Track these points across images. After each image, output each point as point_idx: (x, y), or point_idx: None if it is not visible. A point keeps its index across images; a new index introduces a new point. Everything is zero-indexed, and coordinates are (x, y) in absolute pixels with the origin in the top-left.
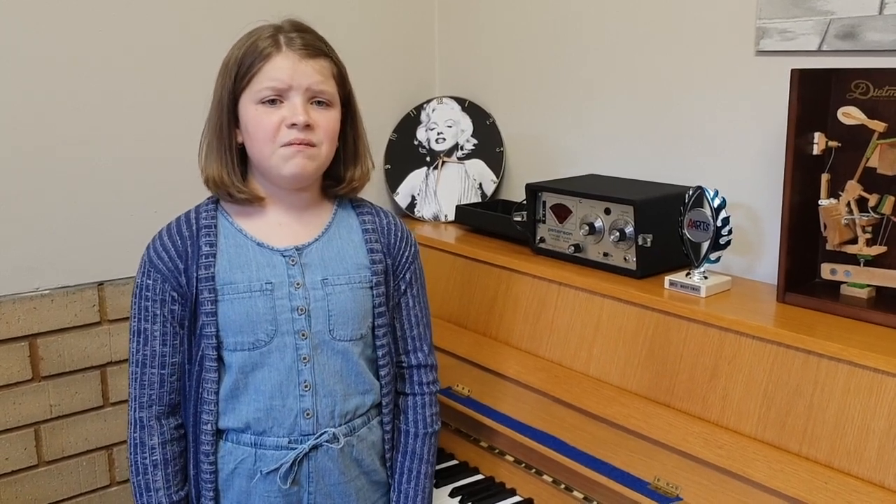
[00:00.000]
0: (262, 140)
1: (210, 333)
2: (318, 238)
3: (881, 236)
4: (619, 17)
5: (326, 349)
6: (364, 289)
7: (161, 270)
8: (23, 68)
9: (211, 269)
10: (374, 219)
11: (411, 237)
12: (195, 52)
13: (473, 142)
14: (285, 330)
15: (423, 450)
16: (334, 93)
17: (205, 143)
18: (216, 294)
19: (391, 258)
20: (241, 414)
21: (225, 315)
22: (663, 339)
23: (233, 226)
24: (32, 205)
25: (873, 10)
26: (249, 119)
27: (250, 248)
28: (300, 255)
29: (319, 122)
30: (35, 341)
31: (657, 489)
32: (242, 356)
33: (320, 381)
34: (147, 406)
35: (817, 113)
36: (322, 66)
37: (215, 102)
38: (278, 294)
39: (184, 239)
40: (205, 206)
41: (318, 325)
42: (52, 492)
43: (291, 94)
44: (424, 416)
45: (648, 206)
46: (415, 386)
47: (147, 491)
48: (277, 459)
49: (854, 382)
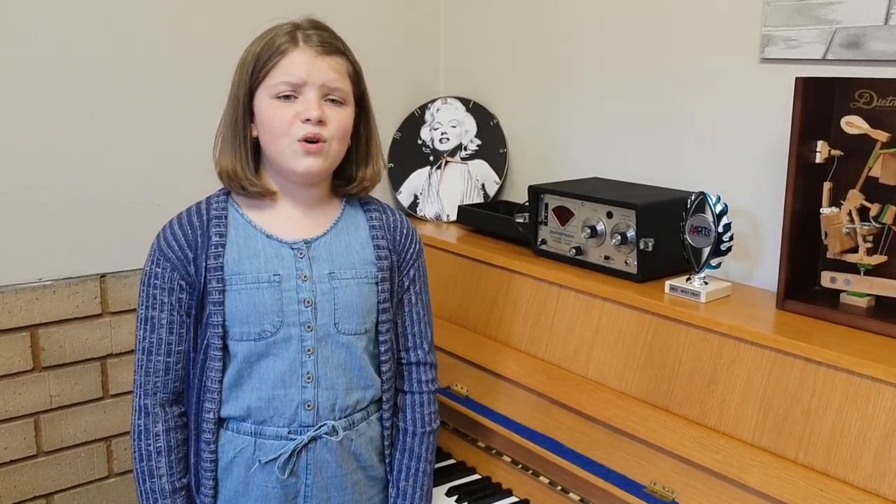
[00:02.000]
0: (277, 134)
1: (217, 323)
2: (327, 232)
3: (882, 246)
4: (624, 22)
5: (331, 342)
6: (369, 284)
7: (170, 259)
8: (26, 60)
9: (220, 260)
10: (381, 216)
11: (416, 235)
12: (199, 46)
13: (477, 142)
14: (291, 321)
15: (421, 448)
16: (349, 91)
17: (220, 136)
18: (224, 284)
19: (396, 255)
20: (243, 402)
21: (232, 305)
22: (662, 343)
23: (243, 217)
24: (35, 196)
25: (878, 20)
26: (264, 112)
27: (259, 240)
28: (308, 248)
29: (332, 118)
30: (36, 332)
31: (653, 493)
32: (248, 346)
33: (323, 373)
34: (152, 393)
35: (820, 121)
36: (338, 64)
37: (231, 96)
38: (286, 286)
39: (194, 229)
40: (216, 197)
41: (324, 317)
42: (51, 482)
43: (306, 89)
44: (423, 415)
45: (650, 210)
46: (413, 384)
47: (151, 477)
48: (276, 449)
49: (852, 390)
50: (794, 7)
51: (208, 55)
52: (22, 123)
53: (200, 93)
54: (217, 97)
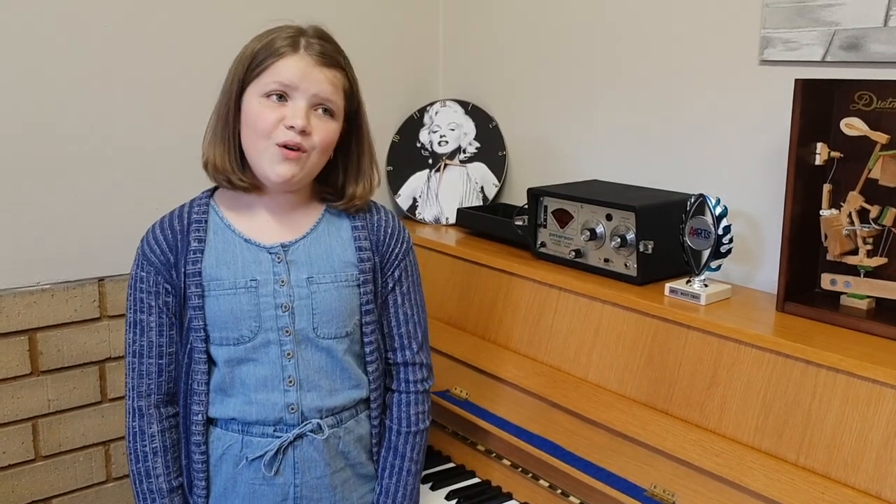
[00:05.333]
0: (258, 134)
1: (198, 327)
2: (306, 235)
3: (882, 248)
4: (623, 24)
5: (310, 346)
6: (350, 287)
7: (154, 263)
8: (24, 63)
9: (198, 265)
10: (366, 215)
11: (404, 234)
12: (198, 49)
13: (476, 145)
14: (269, 326)
15: (406, 447)
16: (340, 105)
17: (209, 127)
18: (203, 289)
19: (380, 255)
20: (228, 405)
21: (211, 311)
22: (662, 346)
23: (222, 221)
24: (34, 199)
25: (878, 22)
26: (250, 111)
27: (237, 245)
28: (286, 252)
29: (317, 129)
30: (34, 335)
31: (654, 496)
32: (228, 351)
33: (304, 376)
34: (146, 395)
35: (820, 123)
36: (334, 77)
37: (224, 89)
38: (263, 291)
39: (175, 233)
40: (198, 199)
41: (302, 322)
42: (49, 486)
43: (297, 95)
44: (409, 415)
45: (650, 212)
46: (401, 383)
47: (147, 477)
48: (262, 447)
49: (852, 393)
50: (794, 9)
51: (207, 58)
52: (20, 126)
53: (199, 96)
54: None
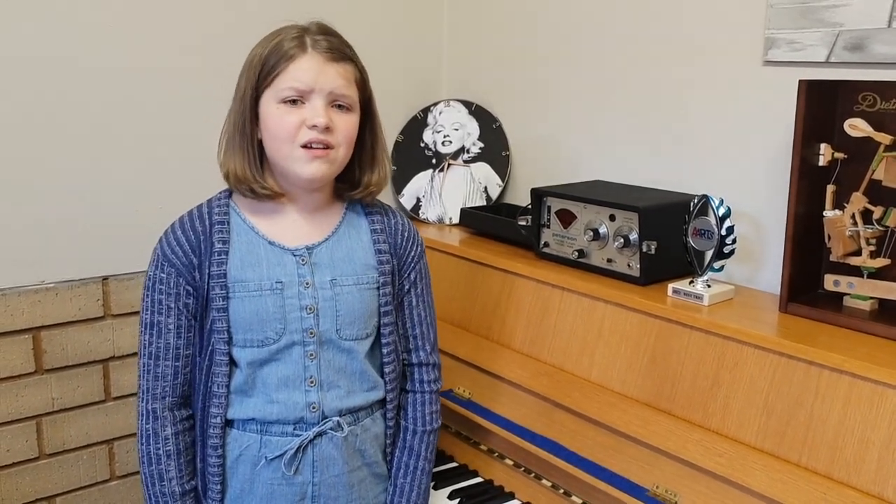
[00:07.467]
0: (282, 139)
1: (221, 329)
2: (328, 238)
3: (885, 249)
4: (627, 24)
5: (332, 347)
6: (371, 289)
7: (175, 265)
8: (29, 63)
9: (223, 267)
10: (383, 219)
11: (418, 237)
12: (201, 47)
13: (479, 145)
14: (294, 328)
15: (421, 447)
16: (355, 97)
17: (225, 137)
18: (227, 291)
19: (397, 258)
20: (249, 406)
21: (235, 313)
22: (665, 346)
23: (245, 223)
24: (38, 198)
25: (882, 23)
26: (270, 117)
27: (262, 247)
28: (310, 254)
29: (339, 125)
30: (38, 334)
31: (656, 496)
32: (252, 352)
33: (325, 376)
34: (161, 397)
35: (824, 124)
36: (346, 71)
37: (237, 98)
38: (288, 293)
39: (197, 234)
40: (217, 200)
41: (326, 324)
42: (53, 485)
43: (313, 96)
44: (424, 414)
45: (653, 213)
46: (415, 384)
47: (160, 480)
48: (282, 446)
49: (855, 394)
50: (798, 10)
51: (210, 57)
52: (24, 126)
53: (202, 95)
54: (219, 99)
